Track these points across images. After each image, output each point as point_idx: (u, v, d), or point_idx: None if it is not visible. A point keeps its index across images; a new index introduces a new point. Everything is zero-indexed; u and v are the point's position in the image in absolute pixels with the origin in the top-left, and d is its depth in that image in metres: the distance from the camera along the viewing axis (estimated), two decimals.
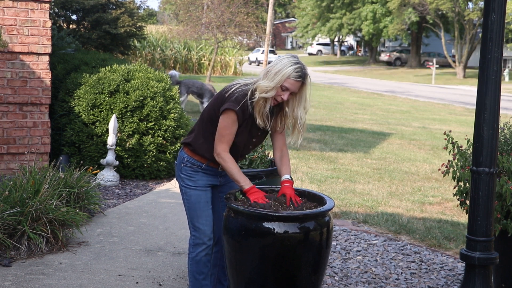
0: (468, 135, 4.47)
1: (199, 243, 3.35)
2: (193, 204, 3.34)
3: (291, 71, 3.08)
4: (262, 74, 3.17)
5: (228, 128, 3.16)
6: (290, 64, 3.10)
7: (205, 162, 3.31)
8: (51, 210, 4.47)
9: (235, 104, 3.13)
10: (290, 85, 3.10)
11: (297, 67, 3.10)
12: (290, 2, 62.39)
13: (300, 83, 3.13)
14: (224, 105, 3.15)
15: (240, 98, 3.15)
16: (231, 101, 3.14)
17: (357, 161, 9.23)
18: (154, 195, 6.52)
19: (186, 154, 3.36)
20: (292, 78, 3.09)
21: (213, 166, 3.32)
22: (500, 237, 3.73)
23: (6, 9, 6.54)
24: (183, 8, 28.50)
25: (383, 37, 44.27)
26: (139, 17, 14.40)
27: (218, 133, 3.18)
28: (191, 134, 3.38)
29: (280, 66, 3.10)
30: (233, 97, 3.16)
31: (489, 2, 3.06)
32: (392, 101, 21.46)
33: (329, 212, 3.06)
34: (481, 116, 3.12)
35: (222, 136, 3.17)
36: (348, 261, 4.64)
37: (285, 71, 3.08)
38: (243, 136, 3.23)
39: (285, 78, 3.08)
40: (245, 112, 3.16)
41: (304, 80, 3.13)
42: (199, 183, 3.34)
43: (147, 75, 7.50)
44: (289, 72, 3.08)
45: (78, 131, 7.04)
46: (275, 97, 3.15)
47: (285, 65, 3.10)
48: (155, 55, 30.41)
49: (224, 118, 3.15)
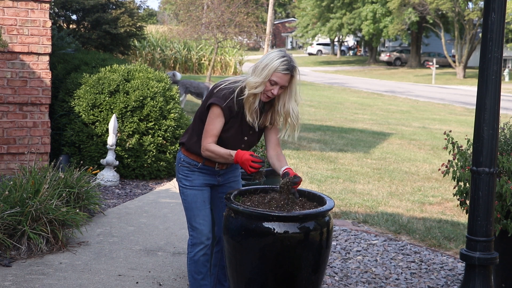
0: (468, 135, 4.47)
1: (197, 242, 3.34)
2: (190, 204, 3.34)
3: (277, 64, 3.07)
4: (250, 71, 3.17)
5: (212, 123, 3.15)
6: (277, 58, 3.09)
7: (201, 161, 3.30)
8: (51, 210, 4.47)
9: (221, 100, 3.13)
10: (278, 78, 3.08)
11: (284, 59, 3.08)
12: (290, 2, 62.40)
13: (289, 76, 3.10)
14: (210, 100, 3.17)
15: (227, 94, 3.15)
16: (217, 97, 3.15)
17: (357, 161, 9.23)
18: (154, 195, 6.52)
19: (182, 154, 3.36)
20: (280, 71, 3.07)
21: (210, 165, 3.31)
22: (500, 237, 3.73)
23: (6, 9, 6.54)
24: (183, 8, 28.49)
25: (383, 37, 44.24)
26: (139, 17, 14.40)
27: (204, 129, 3.19)
28: (186, 133, 3.38)
29: (267, 61, 3.09)
30: (220, 93, 3.16)
31: (489, 2, 3.06)
32: (392, 101, 21.46)
33: (329, 212, 3.06)
34: (481, 116, 3.11)
35: (206, 131, 3.17)
36: (348, 261, 4.64)
37: (272, 65, 3.07)
38: (232, 133, 3.21)
39: (272, 71, 3.07)
40: (232, 109, 3.15)
41: (293, 72, 3.11)
42: (196, 183, 3.33)
43: (147, 75, 7.50)
44: (276, 65, 3.07)
45: (78, 131, 7.04)
46: (266, 93, 3.13)
47: (271, 59, 3.09)
48: (155, 55, 30.42)
49: (210, 113, 3.17)
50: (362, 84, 30.28)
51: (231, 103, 3.14)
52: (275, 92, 3.12)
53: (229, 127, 3.20)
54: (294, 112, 3.19)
